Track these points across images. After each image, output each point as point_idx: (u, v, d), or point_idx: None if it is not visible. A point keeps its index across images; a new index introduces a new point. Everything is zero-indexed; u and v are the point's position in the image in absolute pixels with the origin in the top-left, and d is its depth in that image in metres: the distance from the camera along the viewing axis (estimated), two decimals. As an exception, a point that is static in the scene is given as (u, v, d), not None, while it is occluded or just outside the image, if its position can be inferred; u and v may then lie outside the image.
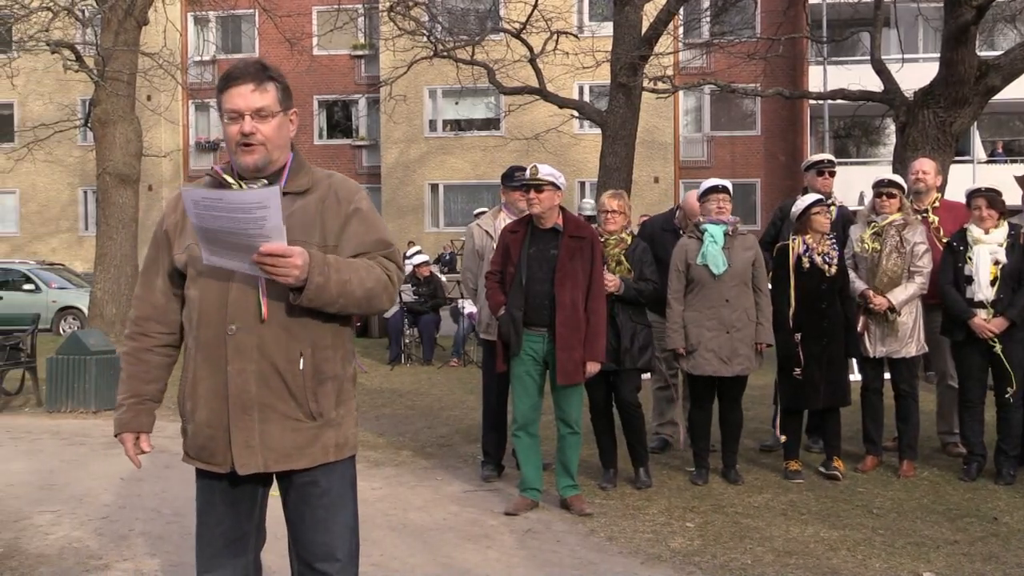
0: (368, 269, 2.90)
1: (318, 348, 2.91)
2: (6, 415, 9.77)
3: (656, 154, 30.08)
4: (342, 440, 2.99)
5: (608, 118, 14.60)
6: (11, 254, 31.14)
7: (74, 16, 17.09)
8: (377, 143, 32.56)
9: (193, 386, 2.93)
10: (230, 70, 2.91)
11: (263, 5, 18.69)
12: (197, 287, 2.91)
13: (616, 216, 6.45)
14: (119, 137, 16.34)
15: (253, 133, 2.85)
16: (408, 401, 10.33)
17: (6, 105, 32.82)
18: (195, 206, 2.69)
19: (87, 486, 6.63)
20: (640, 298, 6.37)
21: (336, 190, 2.98)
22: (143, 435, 3.08)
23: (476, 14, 21.47)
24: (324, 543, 2.96)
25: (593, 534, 5.55)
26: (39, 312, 13.45)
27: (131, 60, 16.60)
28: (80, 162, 31.95)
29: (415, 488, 6.60)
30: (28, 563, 5.04)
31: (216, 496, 3.00)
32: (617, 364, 6.26)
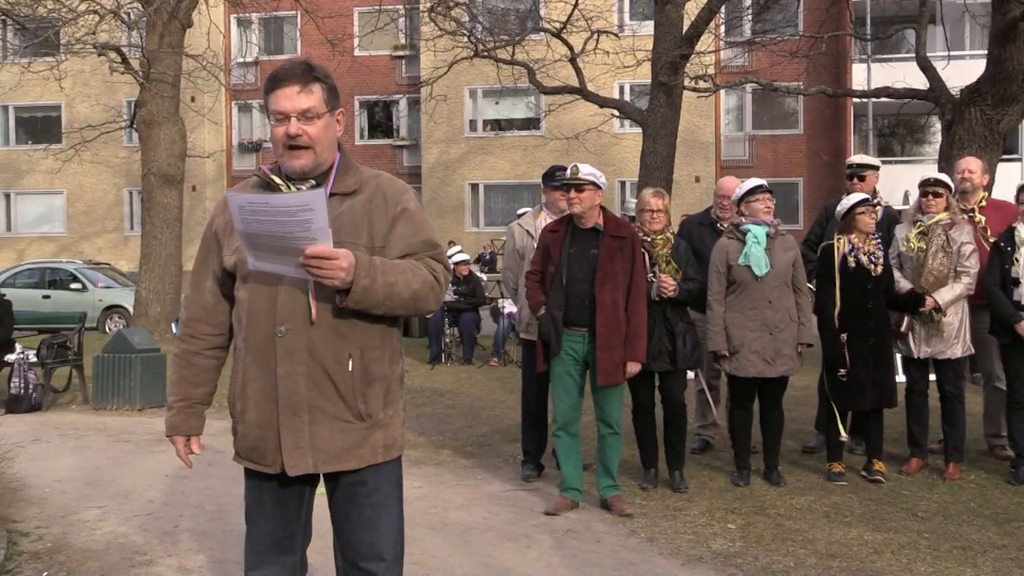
0: (414, 271, 2.89)
1: (367, 349, 2.91)
2: (54, 412, 9.93)
3: (697, 153, 29.91)
4: (390, 441, 2.99)
5: (649, 117, 14.54)
6: (59, 254, 31.60)
7: (120, 19, 17.31)
8: (418, 143, 32.67)
9: (243, 387, 2.95)
10: (276, 71, 2.91)
11: (305, 6, 18.81)
12: (247, 289, 2.92)
13: (660, 215, 6.41)
14: (164, 138, 16.54)
15: (300, 135, 2.85)
16: (448, 400, 10.35)
17: (54, 107, 33.32)
18: (240, 211, 2.69)
19: (132, 482, 6.72)
20: (688, 298, 6.35)
21: (384, 191, 2.98)
22: (194, 437, 3.12)
23: (516, 14, 21.46)
24: (371, 542, 2.96)
25: (633, 535, 5.53)
26: (86, 311, 13.70)
27: (175, 62, 16.80)
28: (126, 163, 32.35)
29: (455, 487, 6.62)
30: (76, 558, 5.12)
31: (265, 495, 3.02)
32: (672, 366, 6.25)
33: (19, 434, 8.15)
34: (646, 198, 6.51)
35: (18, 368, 9.90)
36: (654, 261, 6.26)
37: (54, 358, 10.41)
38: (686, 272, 6.35)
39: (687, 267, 6.37)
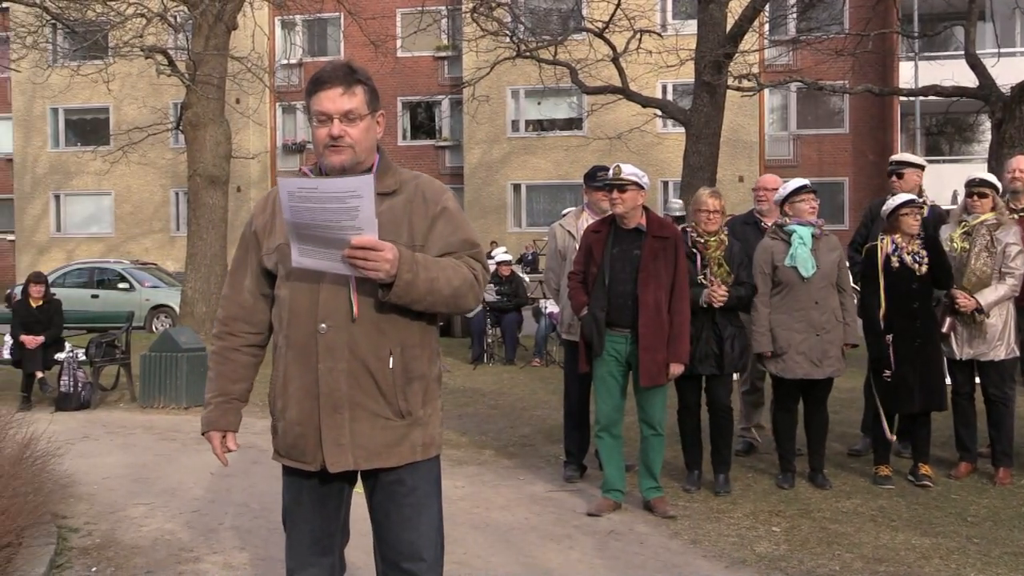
0: (455, 268, 2.90)
1: (407, 347, 2.93)
2: (102, 410, 10.07)
3: (741, 153, 29.70)
4: (428, 439, 3.00)
5: (692, 117, 14.46)
6: (106, 254, 32.06)
7: (167, 22, 17.52)
8: (460, 143, 32.75)
9: (284, 385, 2.96)
10: (319, 73, 2.93)
11: (348, 8, 18.93)
12: (288, 287, 2.94)
13: (716, 216, 6.30)
14: (209, 139, 16.71)
15: (342, 136, 2.87)
16: (490, 400, 10.36)
17: (102, 109, 33.81)
18: (290, 197, 2.71)
19: (178, 480, 6.80)
20: (740, 304, 6.28)
21: (423, 191, 3.00)
22: (230, 433, 3.13)
23: (559, 14, 21.44)
24: (410, 542, 2.97)
25: (677, 537, 5.50)
26: (133, 310, 13.82)
27: (221, 64, 16.96)
28: (172, 164, 32.76)
29: (497, 487, 6.62)
30: (123, 554, 5.18)
31: (304, 495, 3.03)
32: (719, 370, 6.20)
33: (68, 431, 8.27)
34: (703, 198, 6.38)
35: (68, 367, 10.06)
36: (706, 263, 6.20)
37: (102, 357, 10.56)
38: (738, 275, 6.27)
39: (740, 270, 6.29)
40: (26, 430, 5.84)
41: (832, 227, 6.71)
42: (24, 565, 4.66)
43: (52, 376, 10.35)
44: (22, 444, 5.69)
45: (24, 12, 20.15)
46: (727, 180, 26.79)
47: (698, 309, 6.10)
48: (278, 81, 31.70)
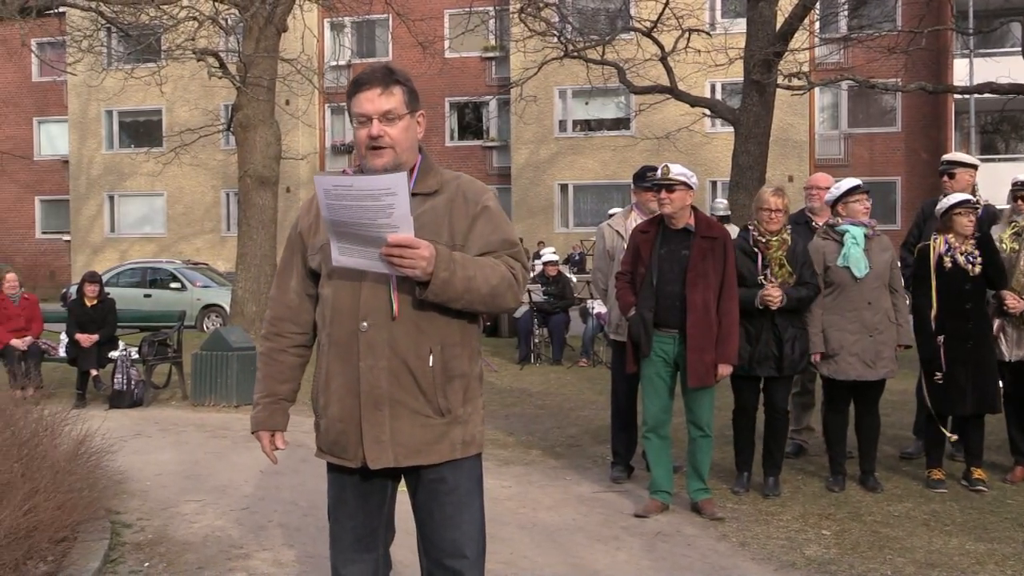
0: (493, 267, 2.92)
1: (447, 345, 2.95)
2: (155, 408, 10.22)
3: (791, 152, 29.41)
4: (469, 437, 3.02)
5: (741, 116, 14.35)
6: (159, 254, 32.53)
7: (218, 25, 17.73)
8: (507, 144, 32.79)
9: (326, 382, 2.99)
10: (358, 76, 2.97)
11: (397, 10, 19.03)
12: (330, 285, 2.97)
13: (779, 215, 6.19)
14: (259, 141, 16.88)
15: (381, 136, 2.90)
16: (537, 401, 10.36)
17: (155, 111, 34.32)
18: (326, 195, 2.74)
19: (229, 477, 6.88)
20: (800, 305, 6.18)
21: (464, 191, 3.02)
22: (278, 433, 3.17)
23: (606, 14, 21.37)
24: (453, 540, 2.98)
25: (725, 539, 5.45)
26: (185, 309, 14.04)
27: (271, 66, 17.13)
28: (223, 165, 33.16)
29: (544, 488, 6.62)
30: (175, 550, 5.26)
31: (347, 492, 3.06)
32: (778, 372, 6.14)
33: (122, 428, 8.40)
34: (765, 196, 6.26)
35: (121, 365, 10.22)
36: (767, 264, 6.14)
37: (155, 355, 10.71)
38: (801, 275, 6.16)
39: (803, 270, 6.18)
40: (81, 427, 5.95)
41: (884, 227, 6.62)
42: (79, 559, 4.74)
43: (106, 374, 10.52)
44: (77, 441, 5.79)
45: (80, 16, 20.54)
46: (776, 180, 26.54)
47: (757, 310, 6.04)
48: (327, 82, 31.96)
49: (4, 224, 37.63)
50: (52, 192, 37.05)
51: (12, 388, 8.27)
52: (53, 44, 28.53)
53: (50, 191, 37.10)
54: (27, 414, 5.92)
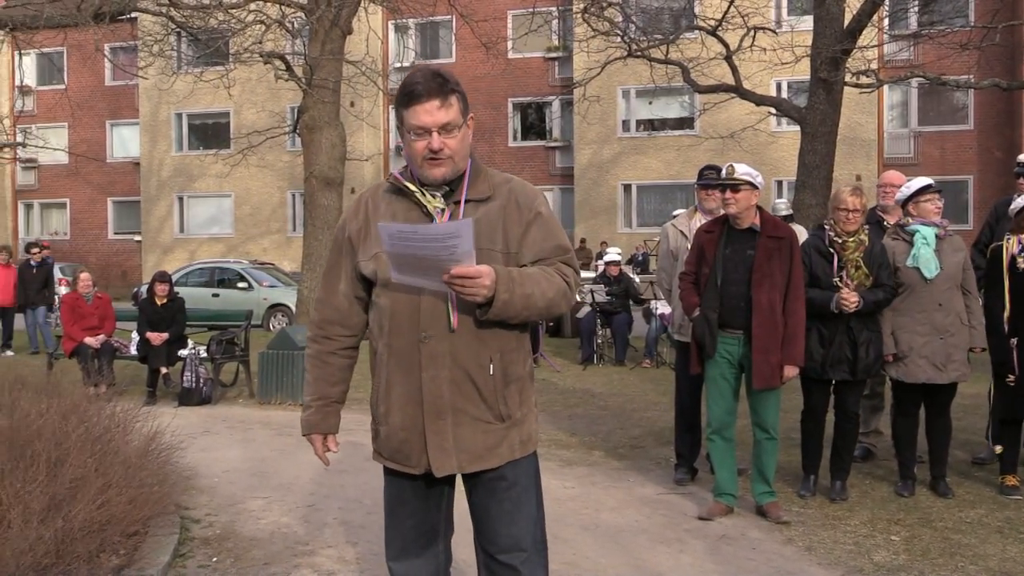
0: (549, 279, 2.91)
1: (505, 352, 2.96)
2: (222, 405, 10.39)
3: (858, 151, 28.94)
4: (525, 437, 3.04)
5: (807, 115, 14.16)
6: (226, 254, 33.05)
7: (284, 28, 17.97)
8: (570, 144, 32.73)
9: (386, 391, 3.00)
10: (411, 86, 2.87)
11: (460, 11, 19.12)
12: (388, 296, 2.96)
13: (856, 215, 6.04)
14: (325, 142, 17.07)
15: (442, 148, 2.88)
16: (600, 401, 10.33)
17: (223, 114, 34.87)
18: (390, 239, 2.74)
19: (294, 475, 6.97)
20: (876, 308, 6.05)
21: (517, 197, 3.00)
22: (330, 436, 3.19)
23: (670, 12, 21.23)
24: (510, 535, 3.00)
25: (791, 543, 5.38)
26: (252, 309, 14.25)
27: (336, 68, 17.31)
28: (289, 166, 33.58)
29: (607, 489, 6.59)
30: (242, 545, 5.34)
31: (407, 492, 3.09)
32: (852, 376, 6.05)
33: (190, 426, 8.55)
34: (842, 196, 6.11)
35: (190, 363, 10.40)
36: (843, 265, 6.03)
37: (222, 354, 10.89)
38: (878, 277, 6.03)
39: (880, 271, 6.04)
40: (151, 424, 6.07)
41: (956, 227, 6.46)
42: (150, 553, 4.83)
43: (175, 372, 10.72)
44: (148, 437, 5.91)
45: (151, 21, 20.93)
46: (844, 179, 26.12)
47: (832, 312, 5.94)
48: (391, 84, 32.16)
49: (79, 225, 38.57)
50: (124, 193, 37.87)
51: (86, 385, 8.47)
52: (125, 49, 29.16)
53: (122, 192, 37.92)
54: (100, 411, 6.05)
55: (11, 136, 30.03)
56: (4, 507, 4.42)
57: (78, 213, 38.61)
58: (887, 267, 6.08)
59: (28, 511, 4.35)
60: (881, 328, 6.15)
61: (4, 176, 38.78)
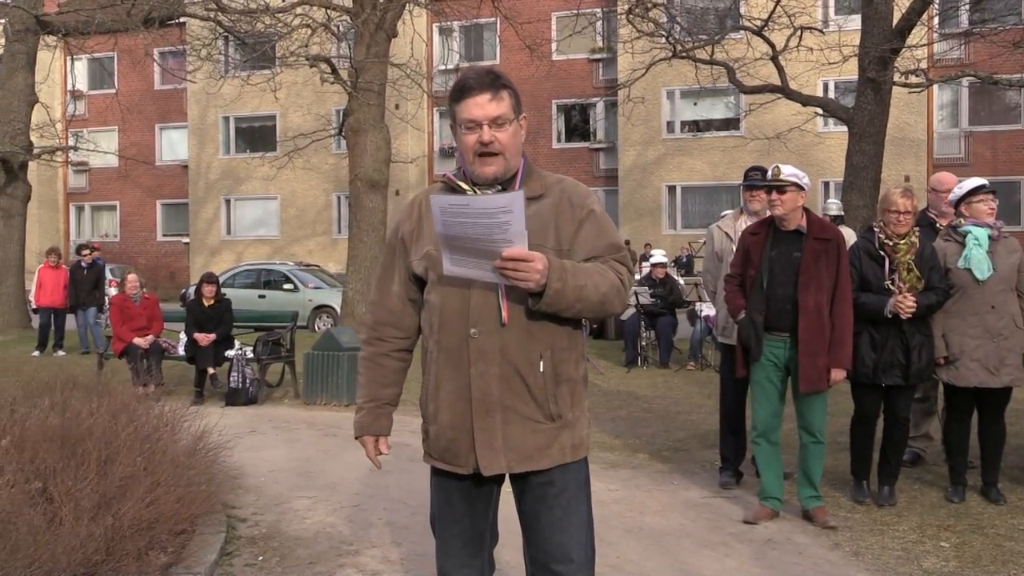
0: (602, 274, 2.89)
1: (556, 350, 2.94)
2: (268, 405, 10.48)
3: (907, 152, 28.56)
4: (577, 441, 3.00)
5: (855, 115, 14.01)
6: (272, 256, 33.38)
7: (330, 31, 18.12)
8: (615, 145, 32.65)
9: (436, 389, 2.99)
10: (463, 80, 2.93)
11: (504, 13, 19.16)
12: (438, 292, 2.97)
13: (907, 217, 5.93)
14: (370, 145, 17.18)
15: (492, 141, 2.88)
16: (644, 404, 10.28)
17: (269, 117, 35.23)
18: (442, 213, 2.74)
19: (339, 475, 7.01)
20: (929, 312, 5.96)
21: (569, 195, 2.99)
22: (382, 438, 3.18)
23: (715, 13, 21.10)
24: (560, 543, 2.96)
25: (837, 548, 5.32)
26: (297, 310, 14.35)
27: (381, 71, 17.42)
28: (334, 169, 33.84)
29: (651, 492, 6.56)
30: (288, 544, 5.38)
31: (454, 496, 3.06)
32: (904, 380, 5.96)
33: (237, 425, 8.63)
34: (892, 197, 6.01)
35: (237, 363, 10.51)
36: (894, 268, 5.95)
37: (269, 355, 10.99)
38: (930, 279, 5.92)
39: (932, 274, 5.93)
40: (199, 423, 6.14)
41: (1009, 229, 6.35)
42: (197, 551, 4.89)
43: (222, 372, 10.83)
44: (195, 437, 5.98)
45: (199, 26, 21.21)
46: (892, 180, 25.78)
47: (884, 317, 5.86)
48: (435, 86, 32.28)
49: (128, 227, 39.15)
50: (172, 196, 38.38)
51: (135, 385, 8.60)
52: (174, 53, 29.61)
53: (170, 195, 38.44)
54: (149, 410, 6.14)
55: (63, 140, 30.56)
56: (56, 504, 4.49)
57: (127, 215, 39.20)
58: (939, 269, 5.98)
59: (79, 509, 4.42)
60: (932, 332, 6.05)
61: (56, 179, 39.47)
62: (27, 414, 5.73)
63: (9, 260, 20.07)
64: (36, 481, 4.72)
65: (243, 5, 18.20)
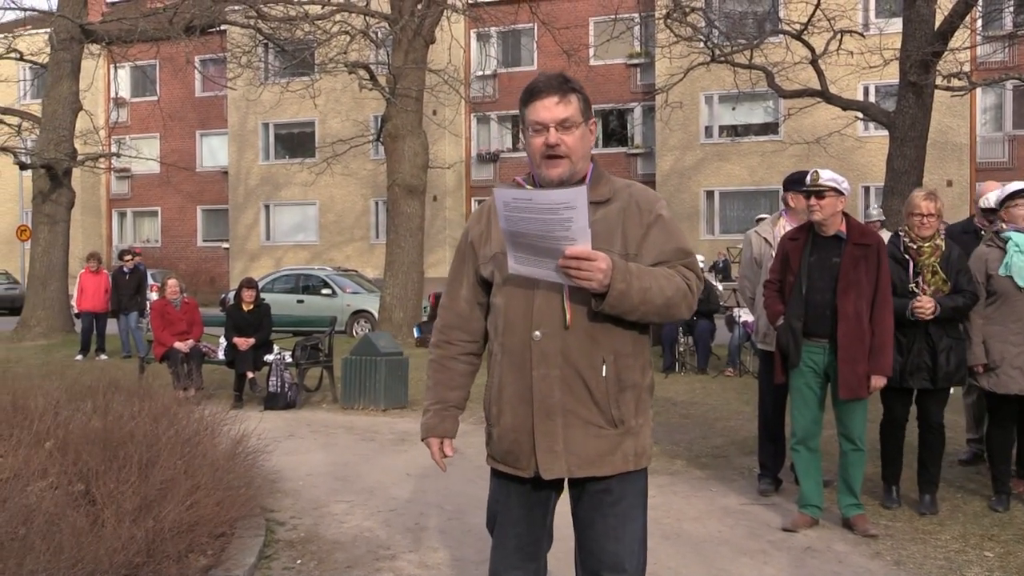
0: (668, 278, 2.88)
1: (620, 355, 2.92)
2: (307, 410, 10.55)
3: (949, 156, 28.24)
4: (640, 449, 2.99)
5: (896, 119, 13.86)
6: (311, 261, 33.64)
7: (369, 38, 18.25)
8: (652, 151, 32.58)
9: (499, 391, 3.00)
10: (533, 83, 2.95)
11: (542, 19, 19.18)
12: (503, 294, 2.98)
13: (931, 220, 5.93)
14: (407, 150, 17.26)
15: (558, 144, 2.89)
16: (682, 410, 10.23)
17: (308, 123, 35.53)
18: (505, 207, 2.74)
19: (377, 479, 7.04)
20: (956, 315, 5.92)
21: (637, 199, 2.98)
22: (447, 440, 3.17)
23: (754, 17, 21.00)
24: (613, 552, 2.94)
25: (878, 557, 5.26)
26: (335, 315, 14.45)
27: (419, 77, 17.50)
28: (372, 175, 34.04)
29: (689, 498, 6.53)
30: (325, 548, 5.41)
31: (512, 500, 3.05)
32: (932, 384, 5.90)
33: (276, 430, 8.68)
34: (915, 200, 6.00)
35: (275, 368, 10.59)
36: (918, 271, 5.91)
37: (307, 359, 11.06)
38: (957, 283, 5.89)
39: (959, 277, 5.91)
40: (238, 427, 6.19)
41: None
42: (236, 554, 4.93)
43: (261, 377, 10.91)
44: (235, 440, 6.04)
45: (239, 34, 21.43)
46: (934, 184, 25.51)
47: (909, 320, 5.81)
48: (473, 92, 32.43)
49: (169, 232, 39.63)
50: (212, 202, 38.80)
51: (175, 389, 8.69)
52: (215, 61, 29.91)
53: (210, 201, 38.86)
54: (189, 414, 6.20)
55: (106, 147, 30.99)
56: (98, 506, 4.55)
57: (169, 221, 39.68)
58: (966, 272, 5.94)
59: (121, 511, 4.47)
60: (963, 335, 5.99)
61: (99, 185, 40.05)
62: (70, 417, 5.82)
63: (53, 265, 20.38)
64: (79, 483, 4.79)
65: (283, 13, 18.37)
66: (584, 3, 31.83)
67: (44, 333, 19.60)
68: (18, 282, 31.82)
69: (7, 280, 33.11)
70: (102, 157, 26.11)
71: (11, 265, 36.78)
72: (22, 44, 24.53)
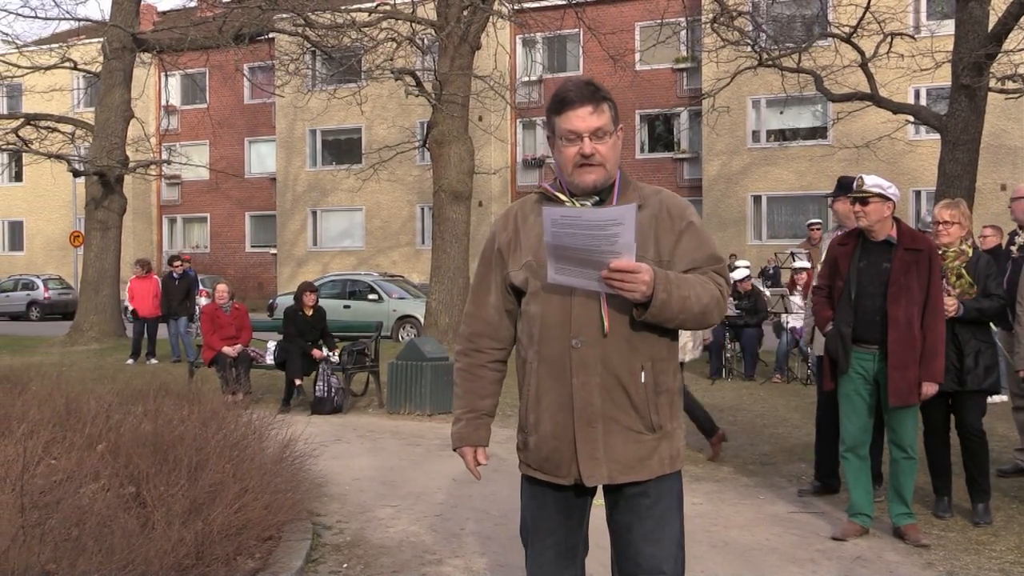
0: (703, 285, 2.88)
1: (656, 360, 2.93)
2: (353, 414, 10.61)
3: (1003, 160, 27.74)
4: (675, 452, 2.99)
5: (948, 122, 13.64)
6: (357, 266, 33.84)
7: (415, 45, 18.33)
8: (699, 155, 32.39)
9: (536, 399, 2.99)
10: (564, 92, 2.94)
11: (588, 24, 19.15)
12: (538, 302, 2.96)
13: (949, 227, 6.00)
14: (453, 156, 17.31)
15: (593, 154, 2.90)
16: (729, 416, 10.14)
17: (355, 130, 35.77)
18: (553, 224, 2.75)
19: (423, 484, 7.05)
20: (982, 316, 5.89)
21: (667, 206, 2.99)
22: (480, 448, 3.17)
23: (802, 20, 20.79)
24: (651, 555, 2.94)
25: (930, 567, 5.17)
26: (382, 320, 14.52)
27: (465, 83, 17.54)
28: (418, 181, 34.18)
29: (736, 506, 6.47)
30: (371, 552, 5.43)
31: (549, 507, 3.05)
32: (960, 385, 5.81)
33: (323, 434, 8.74)
34: (936, 209, 6.20)
35: (323, 372, 10.66)
36: (943, 274, 5.85)
37: (354, 364, 11.12)
38: (986, 287, 5.88)
39: (988, 282, 5.90)
40: (285, 432, 6.24)
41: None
42: (283, 557, 4.96)
43: (308, 381, 10.98)
44: (282, 444, 6.08)
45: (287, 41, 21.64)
46: (987, 189, 25.13)
47: None
48: (518, 98, 32.45)
49: (218, 238, 40.09)
50: (260, 208, 39.19)
51: (224, 393, 8.78)
52: (263, 68, 30.25)
53: (259, 207, 39.25)
54: (237, 418, 6.26)
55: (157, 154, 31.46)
56: (149, 509, 4.61)
57: (218, 227, 40.15)
58: (995, 277, 5.95)
59: (171, 513, 4.52)
60: (993, 339, 5.97)
61: (150, 192, 40.65)
62: (122, 420, 5.90)
63: (105, 271, 20.71)
64: (130, 486, 4.85)
65: (330, 20, 18.52)
66: (630, 8, 31.76)
67: (96, 337, 19.92)
68: (71, 287, 32.42)
69: (60, 285, 33.75)
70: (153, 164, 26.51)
71: (64, 271, 37.46)
72: (76, 54, 25.02)
